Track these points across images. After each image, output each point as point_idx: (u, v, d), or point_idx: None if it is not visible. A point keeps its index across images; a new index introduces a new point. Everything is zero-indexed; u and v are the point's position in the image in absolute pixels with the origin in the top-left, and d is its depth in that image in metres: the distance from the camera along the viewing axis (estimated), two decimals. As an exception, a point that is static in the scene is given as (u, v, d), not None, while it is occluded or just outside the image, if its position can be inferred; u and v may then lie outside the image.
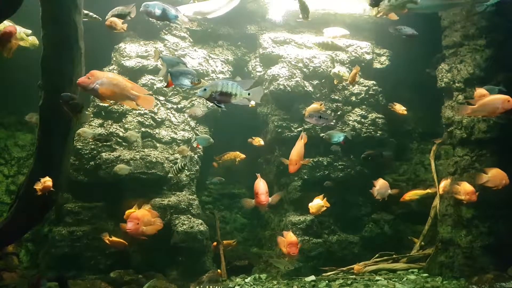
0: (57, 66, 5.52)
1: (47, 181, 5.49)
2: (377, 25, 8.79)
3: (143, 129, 7.98)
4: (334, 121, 8.17)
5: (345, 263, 7.84)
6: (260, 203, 6.06)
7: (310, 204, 7.03)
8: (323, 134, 7.72)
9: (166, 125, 8.15)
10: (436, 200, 7.98)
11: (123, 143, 7.77)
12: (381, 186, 7.14)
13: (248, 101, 4.40)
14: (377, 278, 7.42)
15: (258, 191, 6.05)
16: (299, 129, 8.22)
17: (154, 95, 8.05)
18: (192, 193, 8.03)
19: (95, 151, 7.60)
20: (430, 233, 8.05)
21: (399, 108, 8.43)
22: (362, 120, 8.51)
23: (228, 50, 8.97)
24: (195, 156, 8.25)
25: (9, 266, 6.77)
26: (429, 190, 8.06)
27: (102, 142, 7.51)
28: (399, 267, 7.89)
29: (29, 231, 6.97)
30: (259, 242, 8.91)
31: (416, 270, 7.78)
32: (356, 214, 8.47)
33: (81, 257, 7.25)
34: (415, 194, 7.96)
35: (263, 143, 8.30)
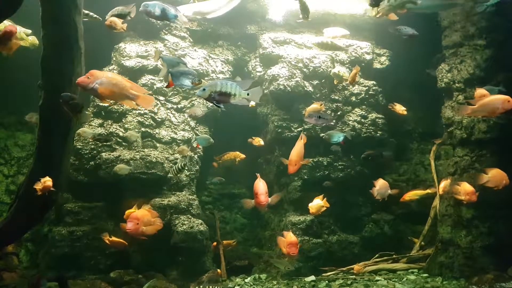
0: (57, 66, 5.52)
1: (47, 181, 5.49)
2: (377, 25, 8.78)
3: (143, 129, 7.98)
4: (334, 121, 8.17)
5: (345, 263, 7.84)
6: (260, 204, 6.05)
7: (310, 204, 7.03)
8: (323, 134, 7.73)
9: (166, 125, 8.15)
10: (436, 200, 7.98)
11: (123, 143, 7.76)
12: (381, 186, 7.14)
13: (247, 101, 4.39)
14: (377, 278, 7.41)
15: (258, 192, 6.05)
16: (299, 129, 8.22)
17: (154, 95, 8.05)
18: (192, 193, 8.02)
19: (95, 151, 7.60)
20: (430, 233, 8.05)
21: (399, 108, 8.43)
22: (362, 120, 8.51)
23: (228, 50, 8.97)
24: (195, 156, 8.25)
25: (9, 266, 6.76)
26: (429, 190, 8.05)
27: (102, 142, 7.51)
28: (399, 267, 7.89)
29: (29, 231, 6.98)
30: (259, 242, 8.91)
31: (416, 270, 7.78)
32: (356, 214, 8.46)
33: (81, 257, 7.24)
34: (415, 194, 7.96)
35: (263, 143, 8.30)
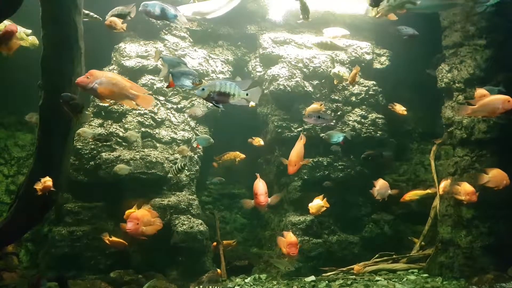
0: (57, 66, 5.53)
1: (47, 181, 5.49)
2: (377, 25, 8.78)
3: (143, 129, 7.98)
4: (334, 121, 8.17)
5: (345, 263, 7.84)
6: (259, 204, 6.05)
7: (310, 204, 7.02)
8: (323, 134, 7.73)
9: (166, 125, 8.15)
10: (436, 201, 7.98)
11: (123, 143, 7.76)
12: (381, 187, 7.14)
13: (247, 102, 4.39)
14: (377, 279, 7.41)
15: (257, 192, 6.05)
16: (299, 129, 8.22)
17: (154, 95, 8.05)
18: (192, 193, 8.02)
19: (95, 151, 7.60)
20: (430, 234, 8.05)
21: (399, 109, 8.42)
22: (362, 120, 8.51)
23: (228, 50, 8.96)
24: (195, 156, 8.24)
25: (9, 266, 6.76)
26: (429, 191, 8.05)
27: (102, 142, 7.51)
28: (399, 268, 7.89)
29: (29, 231, 6.99)
30: (259, 242, 8.91)
31: (416, 271, 7.78)
32: (356, 214, 8.46)
33: (81, 257, 7.24)
34: (415, 195, 7.95)
35: (263, 143, 8.30)
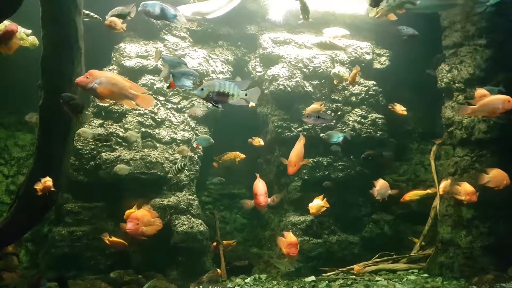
0: (57, 66, 5.52)
1: (48, 181, 5.49)
2: (377, 25, 8.78)
3: (143, 129, 7.98)
4: (334, 121, 8.17)
5: (345, 264, 7.84)
6: (259, 204, 6.04)
7: (310, 205, 7.02)
8: (323, 135, 7.73)
9: (166, 125, 8.15)
10: (436, 201, 7.98)
11: (123, 143, 7.76)
12: (381, 187, 7.13)
13: (246, 102, 4.38)
14: (377, 279, 7.41)
15: (257, 192, 6.04)
16: (299, 130, 8.22)
17: (154, 95, 8.05)
18: (192, 193, 8.02)
19: (95, 151, 7.60)
20: (430, 234, 8.05)
21: (399, 109, 8.42)
22: (362, 120, 8.50)
23: (228, 50, 8.96)
24: (195, 156, 8.24)
25: (9, 266, 6.75)
26: (429, 191, 8.05)
27: (102, 142, 7.51)
28: (399, 268, 7.89)
29: (29, 231, 6.98)
30: (259, 243, 8.91)
31: (416, 271, 7.78)
32: (356, 215, 8.46)
33: (81, 257, 7.25)
34: (415, 195, 7.95)
35: (263, 143, 8.30)
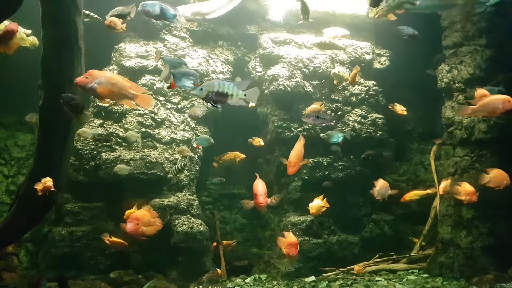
0: (57, 66, 5.52)
1: (48, 181, 5.48)
2: (377, 26, 8.77)
3: (143, 129, 7.97)
4: (334, 122, 8.16)
5: (345, 264, 7.84)
6: (259, 205, 6.04)
7: (310, 205, 7.02)
8: (323, 135, 7.73)
9: (166, 125, 8.15)
10: (436, 201, 7.97)
11: (123, 143, 7.76)
12: (381, 187, 7.13)
13: (245, 102, 4.38)
14: (377, 279, 7.41)
15: (257, 192, 6.03)
16: (299, 130, 8.22)
17: (154, 95, 8.05)
18: (192, 194, 8.02)
19: (95, 151, 7.59)
20: (430, 234, 8.05)
21: (399, 109, 8.42)
22: (362, 121, 8.50)
23: (228, 50, 8.96)
24: (195, 157, 8.24)
25: (9, 266, 6.75)
26: (429, 191, 8.05)
27: (102, 142, 7.51)
28: (399, 268, 7.89)
29: (29, 231, 6.98)
30: (259, 243, 8.91)
31: (416, 271, 7.78)
32: (356, 215, 8.46)
33: (81, 257, 7.24)
34: (415, 195, 7.96)
35: (263, 143, 8.30)
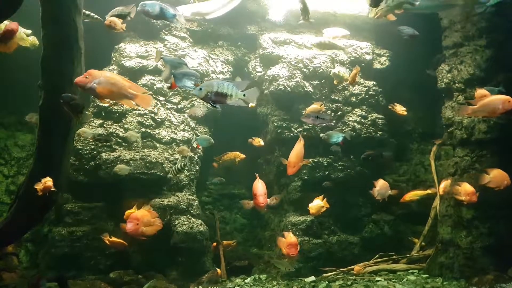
0: (57, 66, 5.52)
1: (48, 181, 5.48)
2: (377, 26, 8.77)
3: (143, 130, 7.97)
4: (334, 122, 8.17)
5: (345, 264, 7.84)
6: (258, 205, 6.04)
7: (310, 205, 7.02)
8: (323, 135, 7.73)
9: (166, 126, 8.14)
10: (436, 201, 7.98)
11: (123, 143, 7.75)
12: (381, 187, 7.14)
13: (245, 103, 4.37)
14: (377, 279, 7.40)
15: (256, 193, 6.04)
16: (299, 130, 8.22)
17: (154, 96, 8.05)
18: (192, 194, 8.01)
19: (95, 151, 7.59)
20: (430, 234, 8.05)
21: (399, 109, 8.42)
22: (362, 121, 8.50)
23: (228, 51, 8.95)
24: (195, 157, 8.24)
25: (9, 266, 6.74)
26: (429, 191, 8.06)
27: (102, 142, 7.50)
28: (399, 268, 7.89)
29: (29, 231, 6.97)
30: (259, 243, 8.91)
31: (416, 271, 7.78)
32: (356, 215, 8.46)
33: (81, 258, 7.24)
34: (415, 195, 7.96)
35: (263, 144, 8.30)
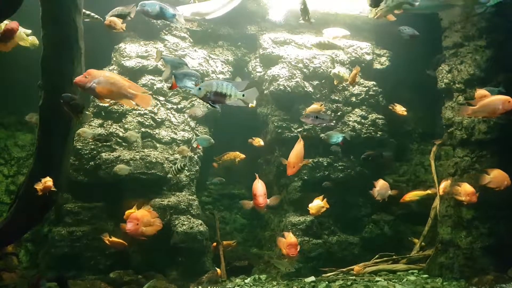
0: (57, 66, 5.52)
1: (48, 181, 5.48)
2: (377, 26, 8.77)
3: (143, 129, 7.97)
4: (334, 122, 8.17)
5: (345, 264, 7.84)
6: (258, 205, 6.04)
7: (310, 205, 7.02)
8: (322, 135, 7.73)
9: (166, 126, 8.14)
10: (436, 201, 7.98)
11: (123, 143, 7.75)
12: (381, 187, 7.14)
13: (244, 103, 4.37)
14: (377, 279, 7.40)
15: (256, 193, 6.04)
16: (299, 130, 8.22)
17: (154, 95, 8.05)
18: (192, 194, 8.01)
19: (95, 151, 7.59)
20: (430, 234, 8.05)
21: (399, 109, 8.42)
22: (362, 121, 8.50)
23: (228, 51, 8.95)
24: (195, 157, 8.24)
25: (9, 266, 6.74)
26: (429, 191, 8.06)
27: (102, 142, 7.50)
28: (399, 268, 7.89)
29: (29, 231, 6.98)
30: (259, 243, 8.91)
31: (416, 271, 7.78)
32: (356, 215, 8.46)
33: (81, 258, 7.24)
34: (415, 195, 7.96)
35: (263, 144, 8.30)
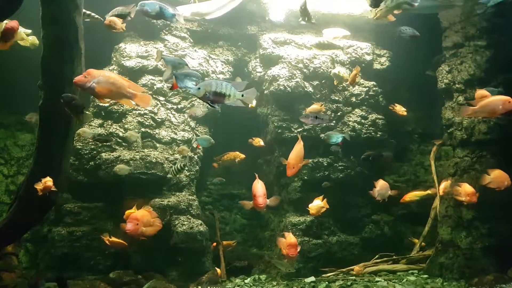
0: (57, 66, 5.53)
1: (48, 181, 5.49)
2: (377, 26, 8.76)
3: (143, 129, 7.96)
4: (334, 122, 8.16)
5: (345, 264, 7.84)
6: (258, 206, 6.03)
7: (310, 205, 7.02)
8: (322, 135, 7.73)
9: (166, 126, 8.14)
10: (436, 201, 7.97)
11: (123, 143, 7.75)
12: (381, 187, 7.13)
13: (243, 103, 4.37)
14: (377, 279, 7.40)
15: (256, 194, 6.02)
16: (299, 130, 8.22)
17: (154, 95, 8.05)
18: (192, 194, 8.01)
19: (95, 151, 7.59)
20: (430, 234, 8.05)
21: (399, 109, 8.42)
22: (362, 121, 8.50)
23: (228, 51, 8.95)
24: (195, 157, 8.24)
25: (9, 266, 6.75)
26: (429, 191, 8.05)
27: (102, 142, 7.50)
28: (399, 268, 7.89)
29: (29, 231, 6.98)
30: (259, 243, 8.91)
31: (416, 271, 7.78)
32: (356, 215, 8.46)
33: (81, 258, 7.24)
34: (415, 195, 7.95)
35: (263, 144, 8.29)
